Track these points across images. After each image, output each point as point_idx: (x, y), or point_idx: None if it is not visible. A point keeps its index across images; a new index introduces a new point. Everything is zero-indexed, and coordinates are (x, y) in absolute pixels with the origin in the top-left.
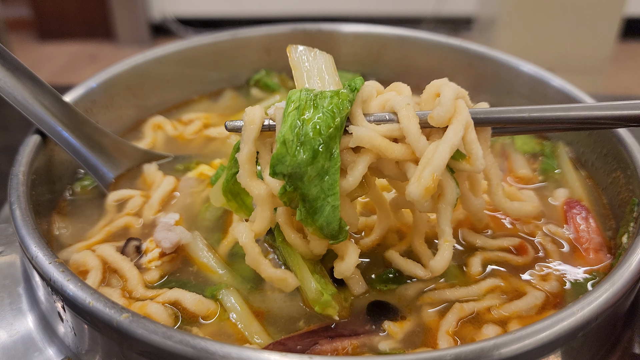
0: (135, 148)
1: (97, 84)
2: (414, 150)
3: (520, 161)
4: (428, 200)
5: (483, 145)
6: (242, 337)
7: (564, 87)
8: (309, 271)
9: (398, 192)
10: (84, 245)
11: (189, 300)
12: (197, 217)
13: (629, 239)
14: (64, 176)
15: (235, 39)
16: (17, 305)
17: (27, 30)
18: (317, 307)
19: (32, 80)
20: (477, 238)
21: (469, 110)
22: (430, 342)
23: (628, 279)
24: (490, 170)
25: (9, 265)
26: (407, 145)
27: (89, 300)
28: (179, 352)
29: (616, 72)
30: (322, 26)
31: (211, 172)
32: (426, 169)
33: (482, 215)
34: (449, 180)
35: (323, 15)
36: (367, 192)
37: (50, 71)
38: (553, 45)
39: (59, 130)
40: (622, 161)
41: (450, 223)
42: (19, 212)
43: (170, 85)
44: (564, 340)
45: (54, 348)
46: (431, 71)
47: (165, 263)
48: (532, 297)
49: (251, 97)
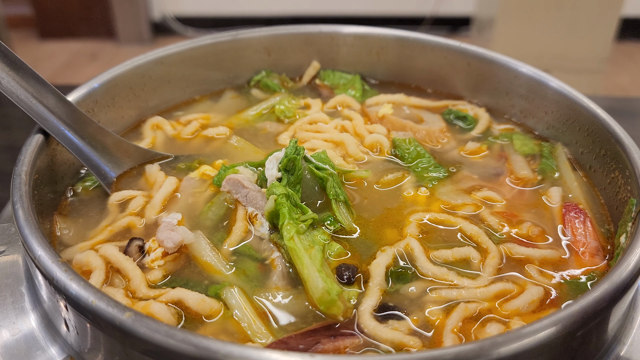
0: (137, 147)
1: (99, 84)
2: None
3: (521, 162)
4: None
5: None
6: (245, 336)
7: (562, 88)
8: (316, 270)
9: None
10: (86, 245)
11: (192, 300)
12: (200, 217)
13: (627, 239)
14: (66, 176)
15: (236, 39)
16: (19, 304)
17: (27, 29)
18: (322, 307)
19: (35, 79)
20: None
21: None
22: (435, 341)
23: (626, 278)
24: None
25: (12, 264)
26: None
27: (92, 299)
28: (181, 350)
29: (614, 73)
30: (323, 27)
31: (213, 173)
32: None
33: None
34: None
35: (323, 15)
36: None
37: (50, 69)
38: (551, 46)
39: (62, 130)
40: (620, 162)
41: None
42: (21, 212)
43: (172, 85)
44: (563, 339)
45: (57, 347)
46: (430, 72)
47: (168, 262)
48: (529, 293)
49: (252, 98)
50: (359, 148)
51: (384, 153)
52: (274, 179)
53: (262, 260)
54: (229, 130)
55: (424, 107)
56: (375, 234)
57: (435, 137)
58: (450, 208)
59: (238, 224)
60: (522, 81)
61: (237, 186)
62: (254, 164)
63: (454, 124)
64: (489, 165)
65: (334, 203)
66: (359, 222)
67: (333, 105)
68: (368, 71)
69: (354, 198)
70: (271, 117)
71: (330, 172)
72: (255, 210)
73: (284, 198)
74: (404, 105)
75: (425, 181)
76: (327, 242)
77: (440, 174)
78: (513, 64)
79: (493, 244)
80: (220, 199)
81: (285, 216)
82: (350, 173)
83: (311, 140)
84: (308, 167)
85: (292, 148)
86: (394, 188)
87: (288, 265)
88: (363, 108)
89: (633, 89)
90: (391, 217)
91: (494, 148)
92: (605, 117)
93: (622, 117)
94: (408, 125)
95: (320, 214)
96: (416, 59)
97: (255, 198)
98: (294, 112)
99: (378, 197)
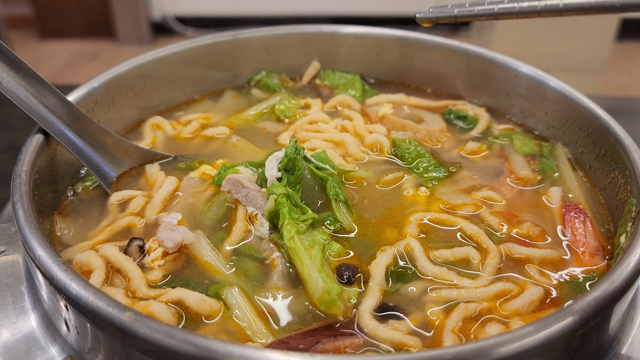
0: (137, 147)
1: (99, 84)
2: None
3: (521, 162)
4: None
5: None
6: (245, 335)
7: (562, 88)
8: (316, 270)
9: None
10: (86, 245)
11: (192, 300)
12: (200, 217)
13: (627, 239)
14: (66, 176)
15: (236, 39)
16: (19, 304)
17: (27, 28)
18: (322, 307)
19: (36, 79)
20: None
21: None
22: (435, 341)
23: (626, 278)
24: None
25: (12, 264)
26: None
27: (92, 299)
28: (181, 350)
29: (614, 73)
30: (323, 27)
31: (213, 172)
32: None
33: None
34: None
35: (323, 15)
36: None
37: (50, 69)
38: (551, 46)
39: (62, 130)
40: (620, 162)
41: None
42: (21, 212)
43: (172, 85)
44: (563, 339)
45: (57, 347)
46: (430, 72)
47: (168, 262)
48: (529, 293)
49: (252, 98)
50: (359, 148)
51: (384, 153)
52: (274, 179)
53: (262, 260)
54: (229, 130)
55: (424, 107)
56: (375, 234)
57: (435, 137)
58: (450, 208)
59: (238, 224)
60: (522, 81)
61: (237, 186)
62: (254, 163)
63: (454, 124)
64: (489, 165)
65: (334, 203)
66: (359, 222)
67: (333, 105)
68: (368, 71)
69: (354, 198)
70: (271, 117)
71: (330, 171)
72: (255, 210)
73: (284, 198)
74: (404, 105)
75: (425, 181)
76: (327, 242)
77: (440, 173)
78: (513, 64)
79: (493, 244)
80: (221, 199)
81: (286, 216)
82: (350, 173)
83: (311, 140)
84: (308, 167)
85: (292, 148)
86: (394, 188)
87: (288, 265)
88: (363, 108)
89: (633, 89)
90: (391, 217)
91: (494, 148)
92: (605, 117)
93: (622, 117)
94: (408, 125)
95: (320, 214)
96: (416, 58)
97: (256, 198)
98: (294, 112)
99: (378, 197)
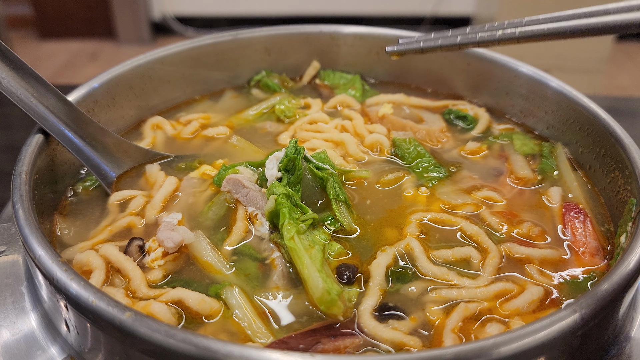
0: (137, 147)
1: (99, 84)
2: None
3: (521, 162)
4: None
5: None
6: (245, 335)
7: (562, 88)
8: (316, 270)
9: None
10: (87, 245)
11: (192, 299)
12: (200, 217)
13: (627, 239)
14: (66, 176)
15: (237, 39)
16: (20, 304)
17: (28, 28)
18: (322, 307)
19: (36, 79)
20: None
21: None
22: (435, 340)
23: (626, 278)
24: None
25: (12, 264)
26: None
27: (92, 299)
28: (181, 350)
29: (614, 73)
30: (323, 27)
31: (213, 172)
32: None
33: None
34: None
35: (323, 15)
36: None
37: (50, 69)
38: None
39: (62, 130)
40: (620, 161)
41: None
42: (22, 212)
43: (172, 85)
44: (563, 339)
45: (57, 347)
46: (430, 72)
47: (168, 262)
48: (529, 293)
49: (252, 98)
50: (359, 148)
51: (384, 153)
52: (274, 179)
53: (262, 260)
54: (229, 130)
55: (424, 107)
56: (375, 234)
57: (435, 137)
58: (450, 208)
59: (238, 224)
60: (522, 81)
61: (237, 186)
62: (254, 163)
63: (454, 124)
64: (489, 165)
65: (334, 203)
66: (359, 222)
67: (333, 105)
68: (368, 71)
69: (354, 198)
70: (271, 117)
71: (331, 172)
72: (255, 210)
73: (284, 198)
74: (404, 105)
75: (426, 181)
76: (327, 242)
77: (441, 173)
78: (513, 64)
79: (493, 244)
80: (221, 199)
81: (286, 216)
82: (351, 173)
83: (311, 140)
84: (308, 167)
85: (292, 148)
86: (394, 188)
87: (288, 265)
88: (363, 108)
89: (633, 89)
90: (391, 217)
91: (494, 148)
92: (605, 117)
93: (622, 117)
94: (408, 125)
95: (321, 214)
96: (416, 58)
97: (256, 198)
98: (294, 112)
99: (378, 197)
